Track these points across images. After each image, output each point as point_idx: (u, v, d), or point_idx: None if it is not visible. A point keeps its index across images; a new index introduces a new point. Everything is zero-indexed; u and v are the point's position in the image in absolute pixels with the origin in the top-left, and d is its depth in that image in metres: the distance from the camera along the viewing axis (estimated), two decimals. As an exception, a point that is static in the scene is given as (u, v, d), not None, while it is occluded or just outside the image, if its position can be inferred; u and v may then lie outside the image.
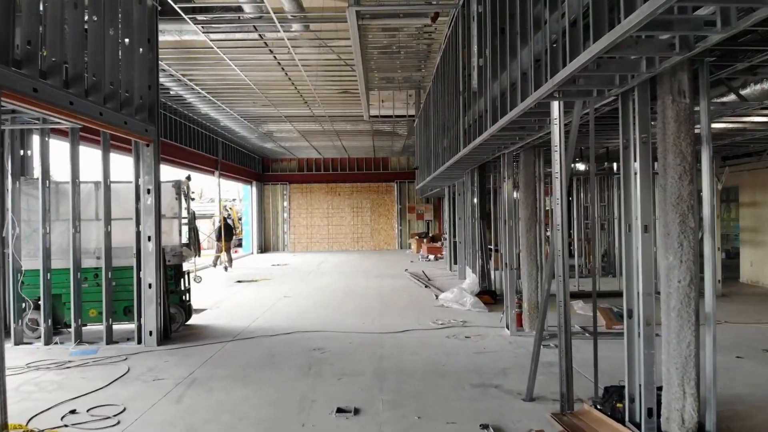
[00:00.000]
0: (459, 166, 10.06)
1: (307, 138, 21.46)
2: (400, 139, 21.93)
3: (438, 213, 26.12)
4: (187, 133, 16.59)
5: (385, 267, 17.51)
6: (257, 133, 19.84)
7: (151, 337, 7.38)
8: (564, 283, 4.49)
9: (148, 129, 7.29)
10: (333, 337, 7.54)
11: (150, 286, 7.40)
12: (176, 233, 8.28)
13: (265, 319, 9.00)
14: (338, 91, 15.10)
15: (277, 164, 26.42)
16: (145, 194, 7.42)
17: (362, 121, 18.81)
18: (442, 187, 16.42)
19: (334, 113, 17.44)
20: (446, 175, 12.04)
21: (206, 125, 18.04)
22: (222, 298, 11.32)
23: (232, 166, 21.37)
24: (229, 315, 9.49)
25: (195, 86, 13.70)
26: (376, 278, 14.37)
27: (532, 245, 7.57)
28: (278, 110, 16.79)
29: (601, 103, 4.42)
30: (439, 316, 8.92)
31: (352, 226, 26.19)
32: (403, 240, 26.02)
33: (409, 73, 13.61)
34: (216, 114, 16.78)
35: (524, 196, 7.60)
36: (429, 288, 12.16)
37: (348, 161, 26.32)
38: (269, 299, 10.99)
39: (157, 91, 7.63)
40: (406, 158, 26.43)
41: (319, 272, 16.17)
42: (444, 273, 15.28)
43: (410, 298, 10.88)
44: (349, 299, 10.79)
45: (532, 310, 7.57)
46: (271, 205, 26.10)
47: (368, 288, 12.40)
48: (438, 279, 13.85)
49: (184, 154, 16.38)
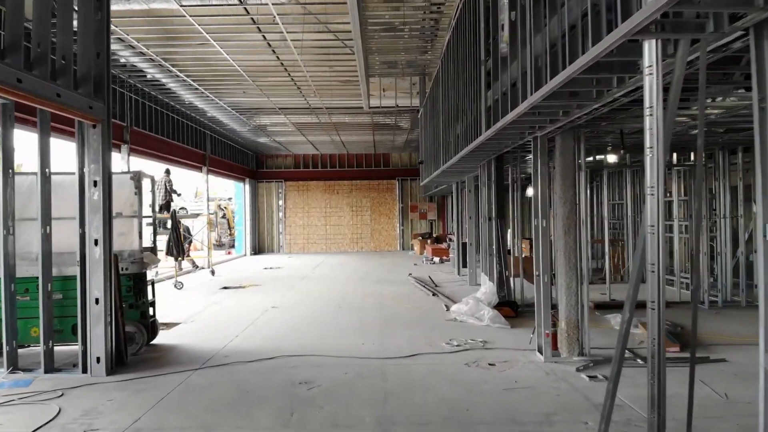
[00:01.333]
0: (474, 157, 8.62)
1: (303, 132, 20.02)
2: (403, 134, 20.49)
3: (442, 212, 24.68)
4: (169, 123, 15.14)
5: (386, 270, 16.07)
6: (249, 126, 18.40)
7: (98, 364, 5.93)
8: (659, 312, 3.03)
9: (93, 106, 5.83)
10: (324, 364, 6.10)
11: (97, 301, 5.96)
12: (136, 235, 6.83)
13: (246, 337, 7.56)
14: (336, 78, 13.69)
15: (272, 161, 24.97)
16: (90, 187, 5.97)
17: (362, 112, 17.38)
18: (449, 184, 14.97)
19: (332, 104, 16.00)
20: (457, 169, 10.60)
21: (191, 116, 16.59)
22: (201, 309, 9.87)
23: (222, 162, 19.92)
24: (204, 331, 8.04)
25: (176, 70, 12.25)
26: (376, 284, 12.92)
27: (572, 250, 6.12)
28: (271, 101, 15.35)
29: (720, 42, 2.97)
30: (452, 333, 7.47)
31: (351, 226, 24.74)
32: (405, 241, 24.58)
33: (414, 56, 12.20)
34: (202, 103, 15.33)
35: (561, 190, 6.15)
36: (437, 296, 10.71)
37: (347, 157, 24.86)
38: (254, 310, 9.54)
39: (108, 62, 6.18)
40: (408, 154, 24.99)
41: (314, 277, 14.72)
42: (452, 278, 13.83)
43: (416, 309, 9.43)
44: (346, 311, 9.34)
45: (572, 330, 6.12)
46: (266, 204, 24.65)
47: (368, 296, 10.95)
48: (446, 285, 12.40)
49: (165, 146, 14.93)
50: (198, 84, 13.40)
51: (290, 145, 22.80)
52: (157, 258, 7.29)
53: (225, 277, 14.92)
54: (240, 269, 17.42)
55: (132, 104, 12.99)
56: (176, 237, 12.35)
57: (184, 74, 12.63)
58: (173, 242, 12.40)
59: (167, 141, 15.09)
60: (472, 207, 12.40)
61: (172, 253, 12.47)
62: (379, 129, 19.62)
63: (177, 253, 12.44)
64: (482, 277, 9.34)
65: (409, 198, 24.74)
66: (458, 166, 9.81)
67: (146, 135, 13.81)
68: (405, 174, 24.72)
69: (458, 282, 13.02)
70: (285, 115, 17.13)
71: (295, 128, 19.08)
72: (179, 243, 12.47)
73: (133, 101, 13.03)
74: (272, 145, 22.54)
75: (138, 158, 14.28)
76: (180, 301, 10.87)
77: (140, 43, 10.50)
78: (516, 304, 8.80)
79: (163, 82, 13.18)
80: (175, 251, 12.39)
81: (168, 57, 11.54)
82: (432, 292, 11.07)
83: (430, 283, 12.52)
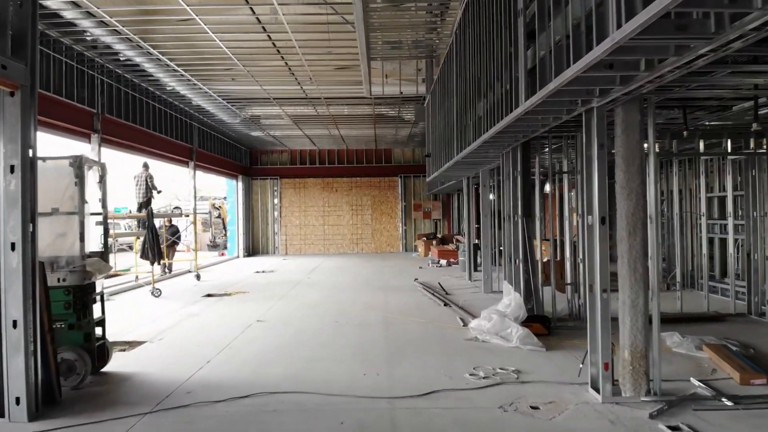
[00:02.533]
0: (498, 142, 7.18)
1: (299, 125, 18.59)
2: (406, 127, 19.06)
3: (447, 211, 23.24)
4: (150, 112, 13.68)
5: (389, 275, 14.62)
6: (240, 117, 16.95)
7: (18, 406, 4.50)
8: None
9: (8, 66, 4.39)
10: (314, 407, 4.64)
11: (15, 324, 4.52)
12: (77, 237, 5.39)
13: (220, 362, 6.11)
14: (334, 63, 12.29)
15: (267, 156, 23.51)
16: (6, 174, 4.52)
17: (362, 103, 15.95)
18: (459, 179, 13.51)
19: (330, 93, 14.56)
20: (473, 160, 9.15)
21: (176, 105, 15.13)
22: (174, 323, 8.43)
23: (211, 157, 18.46)
24: (171, 353, 6.60)
25: (156, 52, 10.81)
26: (379, 291, 11.47)
27: (639, 256, 4.67)
28: (264, 89, 13.91)
29: None
30: (476, 359, 6.03)
31: (350, 225, 23.29)
32: (408, 241, 23.13)
33: (421, 34, 10.81)
34: (186, 90, 13.87)
35: (625, 178, 4.70)
36: (450, 307, 9.26)
37: (346, 153, 23.41)
38: (236, 325, 8.09)
39: (34, 13, 4.74)
40: (412, 150, 23.55)
41: (310, 283, 13.26)
42: (463, 284, 12.38)
43: (428, 324, 7.98)
44: (344, 327, 7.88)
45: (638, 362, 4.67)
46: (260, 203, 23.20)
47: (370, 307, 9.50)
48: (458, 293, 10.95)
49: (145, 138, 13.49)
50: (181, 68, 11.96)
51: (286, 140, 21.37)
52: (107, 266, 5.84)
53: (211, 283, 13.46)
54: (229, 273, 15.96)
55: (104, 88, 11.55)
56: (152, 238, 10.91)
57: (166, 57, 11.20)
58: (149, 245, 10.95)
59: (148, 132, 13.64)
60: (486, 204, 10.95)
61: (148, 257, 11.02)
62: (380, 122, 18.19)
63: (153, 257, 10.99)
64: (504, 285, 7.91)
65: (412, 196, 23.30)
66: (476, 155, 8.37)
67: (123, 125, 12.37)
68: (408, 170, 23.28)
69: (471, 289, 11.56)
70: (280, 105, 15.71)
71: (291, 121, 17.65)
72: (156, 245, 11.02)
73: (105, 85, 11.59)
74: (267, 140, 21.11)
75: (113, 150, 12.85)
76: (153, 312, 9.42)
77: (113, 19, 9.07)
78: (548, 320, 7.36)
79: (142, 66, 11.73)
80: (151, 255, 10.94)
81: (146, 36, 10.14)
82: (444, 302, 9.62)
83: (440, 291, 11.07)
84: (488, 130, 6.16)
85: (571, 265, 8.00)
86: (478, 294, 10.75)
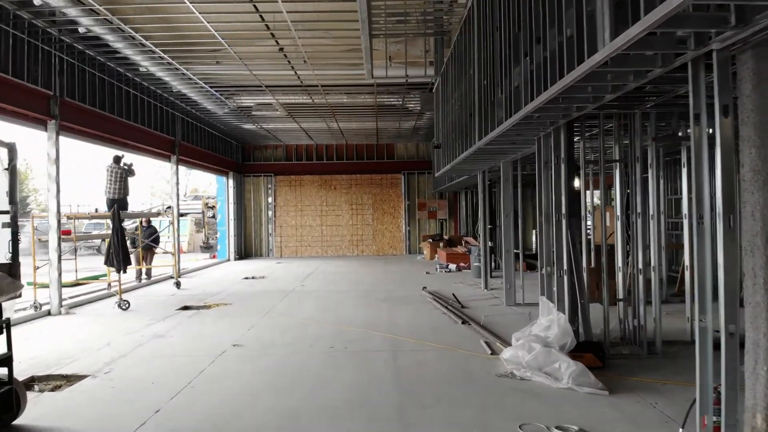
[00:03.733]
0: (539, 121, 5.60)
1: (294, 118, 17.02)
2: (410, 118, 17.47)
3: (454, 210, 21.65)
4: (124, 99, 12.09)
5: (393, 282, 13.03)
6: (228, 107, 15.35)
7: None
8: None
9: None
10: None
11: None
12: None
13: (172, 414, 4.52)
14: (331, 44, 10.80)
15: (260, 152, 21.92)
16: None
17: (363, 91, 14.37)
18: (474, 173, 11.91)
19: (328, 79, 12.99)
20: (497, 147, 7.56)
21: (156, 92, 13.54)
22: (131, 347, 6.84)
23: (198, 151, 16.86)
24: (113, 397, 5.00)
25: (127, 28, 9.25)
26: (383, 303, 9.89)
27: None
28: (253, 74, 12.33)
29: None
30: (519, 409, 4.44)
31: (350, 226, 21.70)
32: (412, 243, 21.54)
33: (431, 4, 9.30)
34: (166, 75, 12.27)
35: (760, 158, 3.12)
36: (470, 326, 7.67)
37: (345, 148, 21.81)
38: (206, 353, 6.50)
39: None
40: (416, 144, 21.97)
41: (303, 293, 11.67)
42: (479, 294, 10.79)
43: (447, 353, 6.38)
44: (341, 358, 6.26)
45: (782, 436, 3.08)
46: (253, 201, 21.61)
47: (372, 326, 7.90)
48: (475, 305, 9.37)
49: (118, 127, 11.90)
50: (159, 48, 10.39)
51: (280, 134, 19.79)
52: (15, 284, 4.25)
53: (191, 292, 11.87)
54: (215, 279, 14.36)
55: (65, 68, 9.97)
56: (118, 242, 9.32)
57: (140, 34, 9.64)
58: (114, 249, 9.36)
59: (121, 121, 12.05)
60: (508, 202, 9.37)
61: (113, 264, 9.44)
62: (383, 113, 16.61)
63: (119, 264, 9.40)
64: (541, 302, 6.33)
65: (416, 194, 21.71)
66: (503, 140, 6.80)
67: (89, 111, 10.78)
68: (412, 167, 21.69)
69: (489, 300, 9.98)
70: (272, 93, 14.14)
71: (285, 112, 16.08)
72: (122, 250, 9.43)
73: (66, 65, 10.00)
74: (260, 134, 19.52)
75: (79, 140, 11.28)
76: (111, 331, 7.83)
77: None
78: (601, 348, 5.77)
79: (110, 43, 10.13)
80: (116, 261, 9.35)
81: (116, 9, 8.60)
82: (461, 319, 8.02)
83: (454, 303, 9.48)
84: (534, 99, 4.57)
85: (624, 274, 6.42)
86: (499, 308, 9.16)
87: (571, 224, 6.05)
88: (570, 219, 6.03)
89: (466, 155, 8.22)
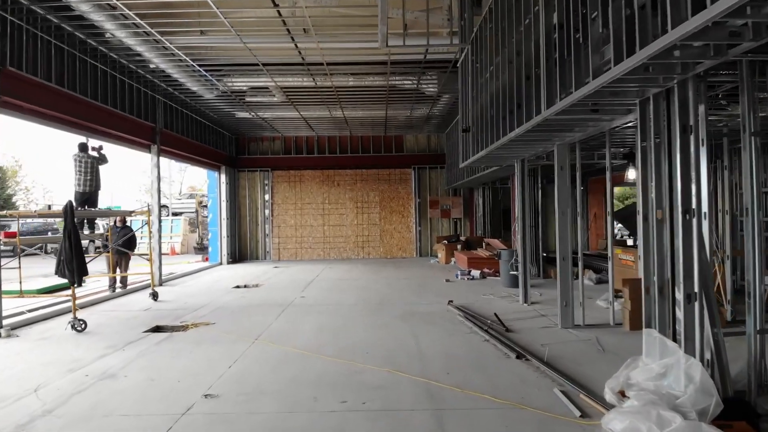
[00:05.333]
0: (646, 78, 3.66)
1: (295, 104, 15.07)
2: (424, 105, 15.52)
3: (470, 209, 19.68)
4: (86, 74, 10.10)
5: (410, 291, 11.06)
6: (218, 90, 13.38)
7: None
8: None
9: None
10: None
11: None
12: None
13: None
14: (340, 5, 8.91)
15: (256, 144, 19.95)
16: None
17: (373, 71, 12.40)
18: (512, 161, 9.88)
19: (333, 53, 11.03)
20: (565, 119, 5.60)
21: (130, 69, 11.54)
22: (62, 398, 4.87)
23: (184, 142, 14.89)
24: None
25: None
26: (402, 324, 7.92)
27: None
28: (248, 47, 10.36)
29: None
30: None
31: (355, 226, 19.73)
32: (423, 245, 19.57)
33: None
34: (142, 47, 10.31)
35: None
36: (527, 361, 5.71)
37: (350, 140, 19.84)
38: (162, 413, 4.54)
39: None
40: (426, 136, 20.00)
41: (302, 306, 9.72)
42: (519, 310, 8.83)
43: (513, 415, 4.39)
44: (359, 427, 4.28)
45: None
46: (248, 199, 19.65)
47: (396, 363, 5.92)
48: (520, 326, 7.41)
49: (80, 109, 9.92)
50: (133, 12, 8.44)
51: (279, 124, 17.81)
52: None
53: (169, 305, 9.91)
54: (201, 288, 12.40)
55: (8, 29, 8.02)
56: (70, 248, 7.35)
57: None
58: (66, 257, 7.40)
59: (88, 102, 10.12)
60: (563, 198, 7.40)
61: (64, 274, 7.48)
62: (393, 99, 14.66)
63: (72, 276, 7.44)
64: (650, 338, 4.36)
65: (428, 191, 19.73)
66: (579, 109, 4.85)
67: (43, 87, 8.84)
68: (423, 161, 19.72)
69: (535, 318, 8.02)
70: (270, 74, 12.20)
71: (284, 97, 14.12)
72: (78, 258, 7.46)
73: (9, 25, 8.05)
74: (256, 123, 17.55)
75: (34, 123, 9.33)
76: (50, 365, 5.87)
77: None
78: (755, 412, 3.83)
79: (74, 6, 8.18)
80: (68, 272, 7.38)
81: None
82: (515, 351, 6.05)
83: (495, 325, 7.51)
84: (688, 20, 2.62)
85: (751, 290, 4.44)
86: (553, 331, 7.19)
87: (699, 225, 4.08)
88: (700, 218, 4.06)
89: (519, 132, 6.24)
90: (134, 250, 12.11)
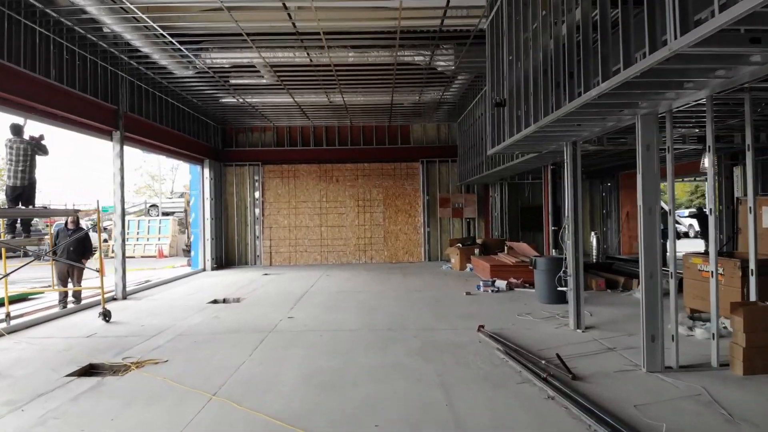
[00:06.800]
0: None
1: (287, 87, 12.97)
2: (436, 87, 13.40)
3: (485, 208, 17.56)
4: (26, 41, 7.98)
5: (425, 309, 8.95)
6: (196, 68, 11.26)
7: None
8: None
9: None
10: None
11: None
12: None
13: None
14: None
15: (245, 135, 17.83)
16: None
17: (379, 44, 10.25)
18: (561, 143, 7.68)
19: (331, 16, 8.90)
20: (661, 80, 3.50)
21: (85, 38, 9.41)
22: None
23: (156, 129, 12.77)
24: None
25: None
26: (421, 363, 5.82)
27: None
28: (226, 8, 8.25)
29: None
30: None
31: (356, 227, 17.61)
32: (433, 248, 17.46)
33: None
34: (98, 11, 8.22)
35: None
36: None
37: (350, 131, 17.73)
38: None
39: None
40: (436, 126, 17.88)
41: (291, 332, 7.60)
42: (571, 338, 6.71)
43: None
44: None
45: None
46: (236, 196, 17.53)
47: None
48: (585, 367, 5.31)
49: (19, 85, 7.79)
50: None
51: (270, 112, 15.70)
52: None
53: (120, 329, 7.80)
54: (169, 303, 10.27)
55: None
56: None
57: None
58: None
59: (28, 75, 8.01)
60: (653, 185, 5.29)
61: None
62: (401, 79, 12.55)
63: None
64: None
65: (437, 188, 17.62)
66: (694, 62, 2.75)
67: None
68: (432, 153, 17.61)
69: (601, 354, 5.91)
70: (258, 49, 10.12)
71: (275, 78, 12.01)
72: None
73: None
74: (244, 110, 15.43)
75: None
76: None
77: None
78: None
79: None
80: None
81: None
82: (610, 427, 3.93)
83: (553, 367, 5.39)
84: None
85: None
86: (638, 376, 5.07)
87: None
88: None
89: (602, 89, 4.13)
90: (89, 257, 10.00)
